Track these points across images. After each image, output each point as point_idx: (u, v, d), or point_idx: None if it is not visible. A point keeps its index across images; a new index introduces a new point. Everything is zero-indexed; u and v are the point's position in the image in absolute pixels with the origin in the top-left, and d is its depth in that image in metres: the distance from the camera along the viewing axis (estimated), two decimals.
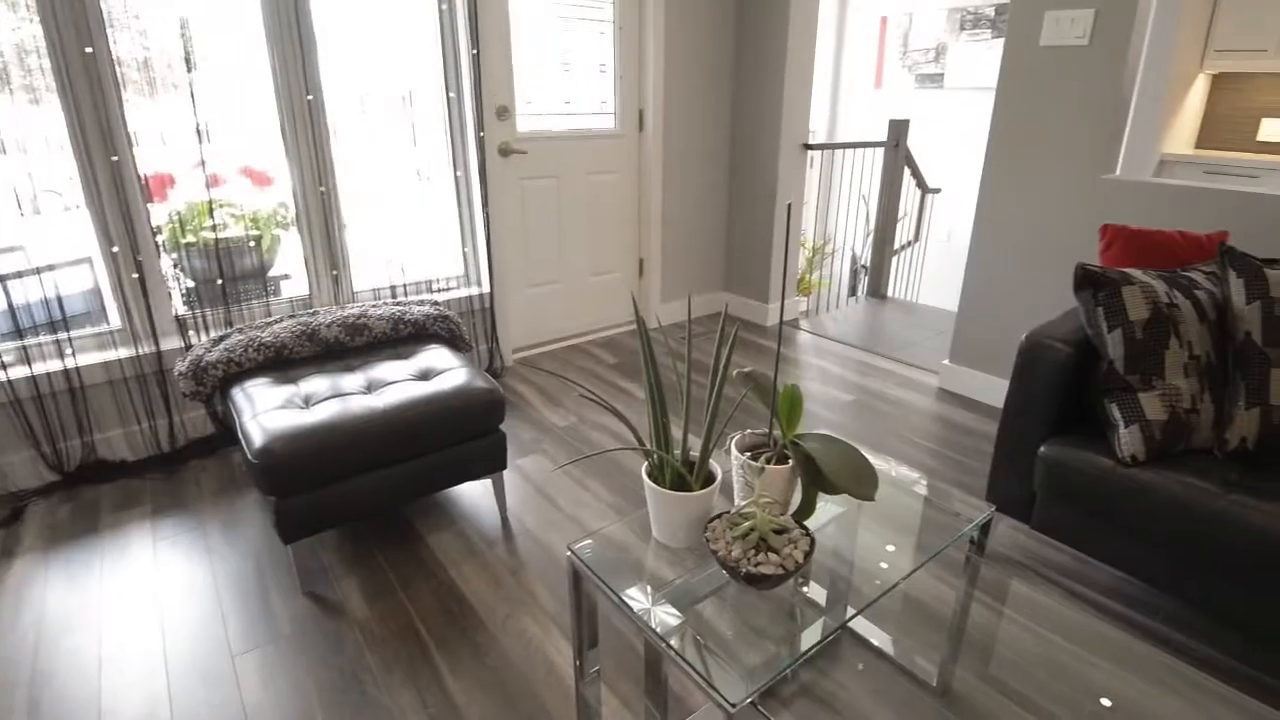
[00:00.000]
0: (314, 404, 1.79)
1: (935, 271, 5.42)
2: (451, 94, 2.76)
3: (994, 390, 2.82)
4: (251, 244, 2.50)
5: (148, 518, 2.06)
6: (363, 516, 1.82)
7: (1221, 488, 1.45)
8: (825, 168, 5.63)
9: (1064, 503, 1.66)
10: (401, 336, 2.21)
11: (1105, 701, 1.21)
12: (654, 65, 3.24)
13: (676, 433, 1.47)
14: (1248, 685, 1.50)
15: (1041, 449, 1.66)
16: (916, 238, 4.70)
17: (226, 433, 2.45)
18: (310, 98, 2.42)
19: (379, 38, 2.58)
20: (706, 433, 1.14)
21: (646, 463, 1.16)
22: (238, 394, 1.87)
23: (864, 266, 4.60)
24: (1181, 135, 4.07)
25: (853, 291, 4.93)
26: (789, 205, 0.89)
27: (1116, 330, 1.55)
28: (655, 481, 1.13)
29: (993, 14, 5.12)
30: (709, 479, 1.16)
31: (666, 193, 3.50)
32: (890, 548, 1.37)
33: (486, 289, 2.97)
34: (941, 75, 5.51)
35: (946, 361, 2.97)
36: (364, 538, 1.97)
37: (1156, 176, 3.86)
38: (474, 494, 2.18)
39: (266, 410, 1.74)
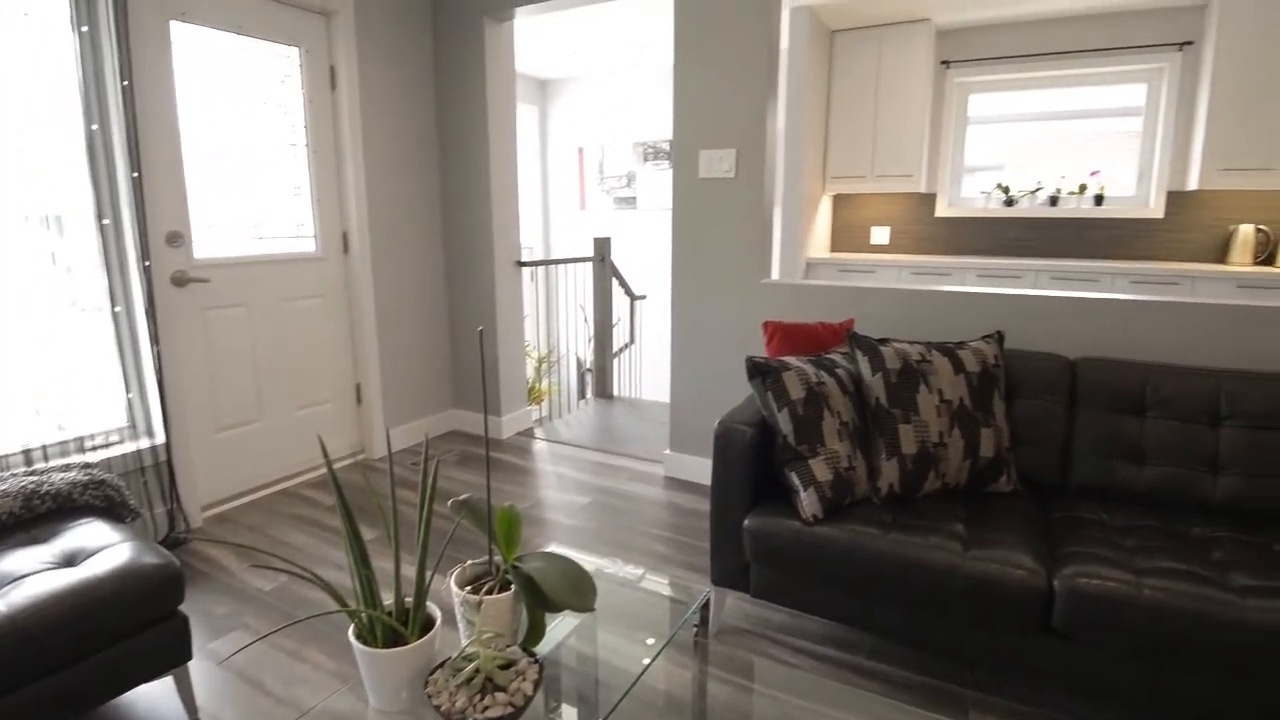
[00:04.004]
0: None
1: (654, 368, 5.91)
2: (106, 220, 2.41)
3: (710, 472, 3.09)
4: None
5: None
6: None
7: (881, 529, 1.73)
8: (544, 281, 5.93)
9: (770, 567, 1.85)
10: (38, 514, 1.76)
11: None
12: (355, 188, 3.18)
13: (403, 569, 1.32)
14: (934, 693, 1.75)
15: (745, 521, 1.85)
16: (632, 340, 5.11)
17: None
18: None
19: (6, 157, 2.18)
20: (418, 576, 1.07)
21: (354, 624, 1.04)
22: None
23: (589, 370, 4.85)
24: (820, 241, 5.06)
25: (582, 394, 5.16)
26: (480, 331, 0.91)
27: (784, 409, 1.82)
28: (365, 642, 1.02)
29: (668, 147, 5.98)
30: (428, 624, 1.08)
31: (381, 314, 3.38)
32: (641, 643, 1.39)
33: (161, 439, 2.53)
34: (635, 198, 6.25)
35: (668, 451, 3.21)
36: None
37: (805, 277, 4.71)
38: (152, 697, 1.76)
39: None
